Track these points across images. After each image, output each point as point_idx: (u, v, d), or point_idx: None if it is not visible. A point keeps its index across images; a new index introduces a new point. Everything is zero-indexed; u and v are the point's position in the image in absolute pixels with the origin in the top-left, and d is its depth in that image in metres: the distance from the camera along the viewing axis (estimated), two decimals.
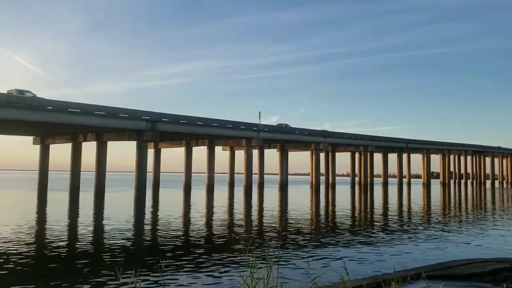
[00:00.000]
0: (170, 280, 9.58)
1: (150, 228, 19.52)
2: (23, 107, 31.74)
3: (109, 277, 9.80)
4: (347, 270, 6.24)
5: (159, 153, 59.18)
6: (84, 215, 24.21)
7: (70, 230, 18.03)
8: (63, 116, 34.36)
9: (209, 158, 55.00)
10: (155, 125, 40.46)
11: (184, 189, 53.19)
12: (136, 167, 41.06)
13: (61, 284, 9.28)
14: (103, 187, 42.56)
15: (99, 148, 43.88)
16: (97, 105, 37.00)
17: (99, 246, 14.48)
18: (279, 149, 64.97)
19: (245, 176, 51.21)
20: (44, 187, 47.25)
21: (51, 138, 48.11)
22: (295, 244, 14.65)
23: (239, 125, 48.88)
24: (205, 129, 45.47)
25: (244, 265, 10.81)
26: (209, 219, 23.26)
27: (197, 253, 13.16)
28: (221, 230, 18.59)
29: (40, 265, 11.39)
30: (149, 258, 12.36)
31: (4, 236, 15.68)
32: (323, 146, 60.19)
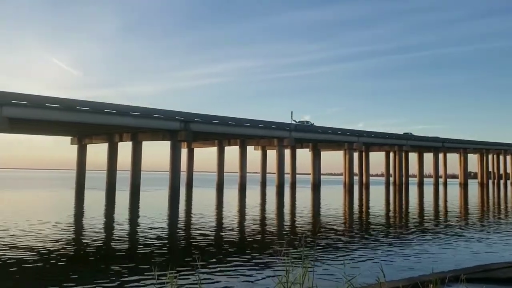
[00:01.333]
0: (206, 279, 9.67)
1: (184, 227, 19.77)
2: (61, 108, 32.74)
3: (145, 276, 9.99)
4: (383, 271, 6.15)
5: (192, 152, 59.90)
6: (120, 214, 24.76)
7: (106, 228, 18.47)
8: (99, 117, 35.24)
9: (241, 158, 55.25)
10: (188, 125, 40.94)
11: (217, 188, 53.61)
12: (170, 166, 41.68)
13: (97, 281, 9.52)
14: (138, 186, 43.42)
15: (134, 148, 44.81)
16: (132, 106, 37.76)
17: (135, 244, 14.77)
18: (312, 149, 64.57)
19: (277, 175, 51.14)
20: (82, 186, 48.60)
21: (88, 138, 49.45)
22: (330, 244, 14.53)
23: (271, 125, 48.85)
24: (237, 129, 45.67)
25: (279, 266, 10.81)
26: (242, 218, 23.36)
27: (232, 252, 13.24)
28: (254, 230, 18.64)
29: (76, 262, 11.71)
30: (184, 257, 12.52)
31: (45, 234, 16.22)
32: (357, 146, 59.42)
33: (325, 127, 55.47)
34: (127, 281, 9.50)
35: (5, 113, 29.64)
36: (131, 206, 30.03)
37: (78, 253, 13.00)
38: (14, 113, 30.14)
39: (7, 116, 29.65)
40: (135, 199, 35.90)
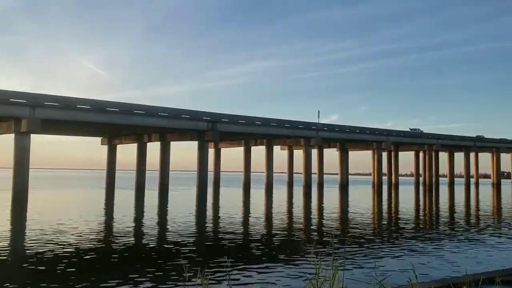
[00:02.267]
0: (235, 279, 9.69)
1: (213, 226, 19.90)
2: (91, 109, 33.45)
3: (175, 274, 10.10)
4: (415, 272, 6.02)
5: (219, 152, 60.25)
6: (149, 213, 25.12)
7: (135, 227, 18.76)
8: (128, 118, 35.83)
9: (267, 158, 55.24)
10: (215, 125, 41.21)
11: (244, 188, 53.79)
12: (197, 166, 42.03)
13: (127, 280, 9.66)
14: (166, 186, 43.96)
15: (162, 148, 45.40)
16: (161, 107, 38.25)
17: (164, 244, 14.96)
18: (339, 148, 63.99)
19: (304, 175, 50.90)
20: (112, 186, 49.55)
21: (118, 138, 50.37)
22: (360, 245, 14.36)
23: (297, 125, 48.65)
24: (263, 128, 45.68)
25: (309, 266, 10.75)
26: (269, 218, 23.36)
27: (260, 252, 13.24)
28: (282, 230, 18.60)
29: (105, 261, 11.92)
30: (213, 256, 12.59)
31: (77, 231, 16.60)
32: (386, 145, 58.55)
33: (353, 126, 54.89)
34: (156, 281, 9.61)
35: (38, 115, 30.48)
36: (160, 205, 30.43)
37: (107, 252, 13.24)
38: (46, 114, 30.97)
39: (39, 118, 30.49)
40: (164, 198, 36.36)
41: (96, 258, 12.14)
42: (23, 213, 24.19)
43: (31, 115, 30.15)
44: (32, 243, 14.17)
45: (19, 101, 29.72)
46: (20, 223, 19.86)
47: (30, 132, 30.48)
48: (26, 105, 29.98)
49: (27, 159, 30.76)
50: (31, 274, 10.17)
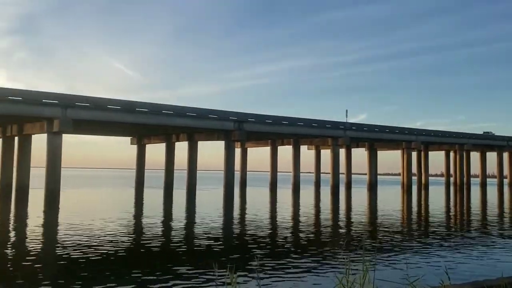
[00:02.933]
0: (264, 277, 9.66)
1: (240, 225, 19.93)
2: (121, 109, 34.01)
3: (204, 273, 10.14)
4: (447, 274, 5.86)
5: (246, 152, 60.34)
6: (178, 212, 25.35)
7: (165, 226, 18.97)
8: (157, 118, 36.27)
9: (294, 157, 54.97)
10: (242, 125, 41.28)
11: (270, 188, 53.71)
12: (224, 166, 42.20)
13: (157, 279, 9.75)
14: (194, 185, 44.31)
15: (190, 147, 45.78)
16: (188, 107, 38.57)
17: (193, 242, 15.05)
18: (368, 148, 63.14)
19: (331, 175, 50.42)
20: (141, 185, 50.29)
21: (147, 138, 51.08)
22: (390, 245, 14.12)
23: (325, 124, 48.22)
24: (290, 128, 45.47)
25: (338, 266, 10.63)
26: (296, 218, 23.23)
27: (288, 252, 13.18)
28: (310, 230, 18.47)
29: (135, 260, 12.07)
30: (241, 255, 12.60)
31: (107, 229, 16.89)
32: (415, 145, 57.44)
33: (382, 125, 54.06)
34: (187, 279, 9.67)
35: (69, 115, 31.18)
36: (188, 204, 30.70)
37: (137, 250, 13.42)
38: (77, 114, 31.65)
39: (71, 118, 31.19)
40: (192, 197, 36.68)
41: (126, 256, 12.31)
42: (55, 210, 24.81)
43: (63, 115, 30.87)
44: (64, 240, 14.49)
45: (52, 101, 30.48)
46: (52, 221, 20.36)
47: (62, 132, 31.20)
48: (58, 105, 30.72)
49: (59, 158, 31.50)
50: (64, 270, 10.39)
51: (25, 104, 29.46)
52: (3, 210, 24.59)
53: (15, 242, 14.56)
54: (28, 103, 29.53)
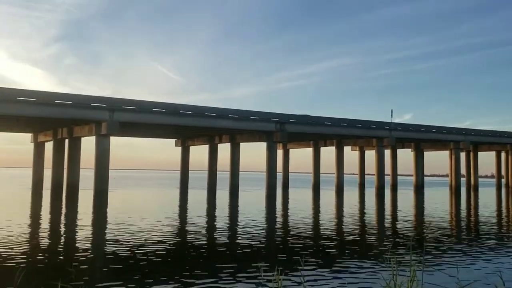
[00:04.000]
0: (309, 280, 9.55)
1: (283, 226, 19.85)
2: (166, 112, 34.74)
3: (249, 274, 10.14)
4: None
5: (288, 153, 60.15)
6: (222, 212, 25.58)
7: (208, 226, 19.16)
8: (200, 120, 36.81)
9: (337, 159, 54.28)
10: (284, 126, 41.18)
11: (313, 189, 53.28)
12: (266, 167, 42.25)
13: (202, 278, 9.83)
14: (237, 186, 44.63)
15: (232, 149, 46.16)
16: (230, 109, 38.91)
17: (237, 243, 15.11)
18: (414, 149, 61.44)
19: (376, 177, 49.43)
20: (185, 186, 51.19)
21: (190, 140, 51.95)
22: (439, 248, 13.64)
23: (369, 124, 47.31)
24: (333, 129, 44.91)
25: (385, 268, 10.37)
26: (340, 220, 22.90)
27: (332, 254, 12.98)
28: (354, 232, 18.14)
29: (180, 259, 12.23)
30: (286, 256, 12.52)
31: (154, 229, 17.25)
32: (464, 145, 55.35)
33: (428, 125, 52.45)
34: (232, 280, 9.70)
35: (117, 118, 32.17)
36: (231, 205, 30.93)
37: (182, 250, 13.60)
38: (124, 117, 32.60)
39: (118, 121, 32.16)
40: (235, 199, 36.93)
41: (171, 255, 12.52)
42: (104, 210, 25.64)
43: (110, 118, 31.88)
44: (112, 238, 14.92)
45: (99, 105, 31.55)
46: (101, 219, 21.02)
47: (110, 134, 32.22)
48: (105, 109, 31.76)
49: (107, 160, 32.56)
50: (113, 267, 10.68)
51: (74, 108, 30.64)
52: (55, 209, 25.65)
53: (66, 240, 15.13)
54: (77, 107, 30.71)
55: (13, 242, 13.88)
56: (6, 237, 14.73)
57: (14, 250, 12.56)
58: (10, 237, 14.86)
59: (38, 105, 29.27)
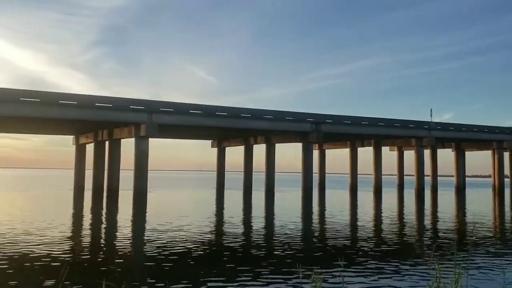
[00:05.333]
0: (348, 282, 9.42)
1: (319, 227, 19.68)
2: (202, 114, 35.17)
3: (287, 275, 10.11)
4: None
5: (324, 154, 59.65)
6: (258, 213, 25.62)
7: (245, 227, 19.22)
8: (236, 121, 37.05)
9: (375, 159, 53.39)
10: (319, 126, 40.87)
11: (350, 190, 52.60)
12: (302, 168, 42.04)
13: (239, 278, 9.86)
14: (272, 187, 44.62)
15: (268, 150, 46.21)
16: (265, 110, 38.98)
17: (273, 243, 15.08)
18: (454, 149, 59.67)
19: (416, 178, 48.30)
20: (221, 187, 51.63)
21: (226, 141, 52.38)
22: (484, 250, 13.17)
23: (408, 124, 46.29)
24: (370, 129, 44.21)
25: (428, 271, 10.11)
26: (378, 221, 22.49)
27: (372, 255, 12.74)
28: (394, 233, 17.76)
29: (217, 258, 12.31)
30: (324, 257, 12.41)
31: (192, 229, 17.47)
32: (507, 145, 53.30)
33: (470, 124, 50.82)
34: (269, 281, 9.69)
35: (155, 120, 32.81)
36: (267, 206, 30.94)
37: (218, 250, 13.69)
38: (162, 119, 33.21)
39: (156, 123, 32.79)
40: (270, 199, 36.94)
41: (208, 255, 12.63)
42: (143, 210, 26.19)
43: (149, 120, 32.54)
44: (152, 239, 15.21)
45: (138, 107, 32.27)
46: (141, 219, 21.47)
47: (148, 136, 32.89)
48: (144, 111, 32.44)
49: (146, 161, 33.24)
50: (155, 269, 10.88)
51: (114, 110, 31.45)
52: (96, 209, 26.39)
53: (107, 240, 15.53)
54: (117, 109, 31.51)
55: (57, 241, 14.37)
56: (51, 237, 15.27)
57: (58, 248, 13.00)
58: (54, 236, 15.40)
59: (79, 108, 30.22)
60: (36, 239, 14.64)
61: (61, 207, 28.87)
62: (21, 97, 28.25)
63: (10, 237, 14.94)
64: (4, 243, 13.79)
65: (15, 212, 23.79)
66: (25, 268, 10.43)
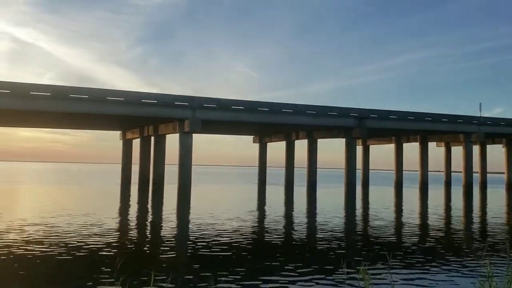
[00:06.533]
0: (397, 279, 9.28)
1: (362, 224, 19.42)
2: (244, 109, 35.40)
3: (333, 270, 10.07)
4: None
5: (367, 150, 58.66)
6: (299, 209, 25.57)
7: (287, 222, 19.25)
8: (278, 117, 37.05)
9: (421, 155, 51.97)
10: (363, 121, 40.20)
11: (395, 187, 51.51)
12: (345, 164, 41.55)
13: (284, 272, 9.90)
14: (314, 183, 44.38)
15: (310, 145, 45.95)
16: (308, 105, 38.74)
17: (316, 239, 15.03)
18: (505, 145, 57.14)
19: (463, 174, 46.67)
20: (263, 182, 51.84)
21: (268, 137, 52.50)
22: None
23: (456, 119, 44.75)
24: (416, 124, 43.04)
25: (478, 270, 9.81)
26: (424, 219, 21.92)
27: (420, 253, 12.46)
28: (441, 231, 17.28)
29: (259, 252, 12.40)
30: (370, 253, 12.26)
31: (234, 223, 17.68)
32: None
33: None
34: (314, 275, 9.67)
35: (198, 116, 33.34)
36: (309, 202, 30.83)
37: (262, 246, 13.79)
38: (205, 115, 33.71)
39: (200, 118, 33.32)
40: (312, 196, 36.76)
41: (250, 249, 12.75)
42: (187, 204, 26.73)
43: (192, 116, 33.11)
44: (197, 232, 15.52)
45: (182, 104, 32.88)
46: (185, 213, 21.93)
47: (192, 131, 33.46)
48: (188, 107, 33.03)
49: (190, 156, 33.85)
50: (200, 260, 11.12)
51: (159, 106, 32.20)
52: (142, 203, 27.17)
53: (153, 232, 15.97)
54: (162, 105, 32.24)
55: (108, 233, 14.93)
56: (104, 229, 15.89)
57: (110, 240, 13.52)
58: (108, 229, 16.01)
59: (126, 104, 31.13)
60: (91, 230, 15.29)
61: (110, 200, 29.93)
62: (71, 94, 29.42)
63: (67, 228, 15.67)
64: (62, 232, 14.50)
65: (70, 205, 24.90)
66: (82, 258, 10.92)
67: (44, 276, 9.19)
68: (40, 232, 14.70)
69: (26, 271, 9.42)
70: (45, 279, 8.95)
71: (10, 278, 8.90)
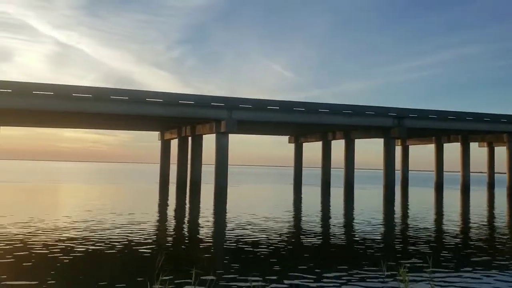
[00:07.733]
0: (438, 282, 9.06)
1: (402, 225, 19.03)
2: (279, 109, 35.39)
3: (371, 271, 9.94)
4: None
5: (407, 150, 57.47)
6: (336, 210, 25.33)
7: (324, 223, 19.10)
8: (313, 117, 36.85)
9: (463, 155, 50.48)
10: (402, 121, 39.41)
11: (435, 188, 50.23)
12: (383, 164, 40.88)
13: (321, 274, 9.83)
14: (352, 183, 43.87)
15: (347, 145, 45.48)
16: (344, 104, 38.34)
17: (353, 240, 14.86)
18: None
19: (508, 176, 45.02)
20: (299, 183, 51.67)
21: (303, 137, 52.31)
22: None
23: (499, 118, 43.21)
24: (457, 123, 41.83)
25: None
26: (467, 221, 21.26)
27: (460, 256, 12.12)
28: (485, 235, 16.72)
29: (296, 255, 12.35)
30: (409, 255, 12.02)
31: (270, 224, 17.70)
32: None
33: None
34: (353, 276, 9.59)
35: (234, 116, 33.60)
36: (346, 203, 30.48)
37: (298, 246, 13.75)
38: (241, 116, 33.93)
39: (236, 119, 33.57)
40: (350, 196, 36.32)
41: (287, 249, 12.74)
42: (224, 204, 26.98)
43: (228, 117, 33.41)
44: (234, 232, 15.65)
45: (219, 104, 33.23)
46: (221, 212, 22.13)
47: (228, 132, 33.77)
48: (224, 108, 33.35)
49: (226, 156, 34.16)
50: (236, 260, 11.21)
51: (196, 107, 32.67)
52: (180, 201, 27.62)
53: (192, 231, 16.21)
54: (199, 106, 32.70)
55: (149, 232, 15.28)
56: (141, 229, 16.27)
57: (150, 239, 13.83)
58: (148, 228, 16.38)
59: (164, 105, 31.74)
60: (132, 228, 15.70)
61: (149, 199, 30.57)
62: (111, 95, 30.27)
63: (110, 227, 16.15)
64: (104, 229, 14.97)
65: (113, 204, 25.64)
66: (125, 255, 11.23)
67: (83, 273, 9.47)
68: (85, 230, 15.23)
69: (67, 268, 9.76)
70: (85, 276, 9.23)
71: (55, 274, 9.22)
